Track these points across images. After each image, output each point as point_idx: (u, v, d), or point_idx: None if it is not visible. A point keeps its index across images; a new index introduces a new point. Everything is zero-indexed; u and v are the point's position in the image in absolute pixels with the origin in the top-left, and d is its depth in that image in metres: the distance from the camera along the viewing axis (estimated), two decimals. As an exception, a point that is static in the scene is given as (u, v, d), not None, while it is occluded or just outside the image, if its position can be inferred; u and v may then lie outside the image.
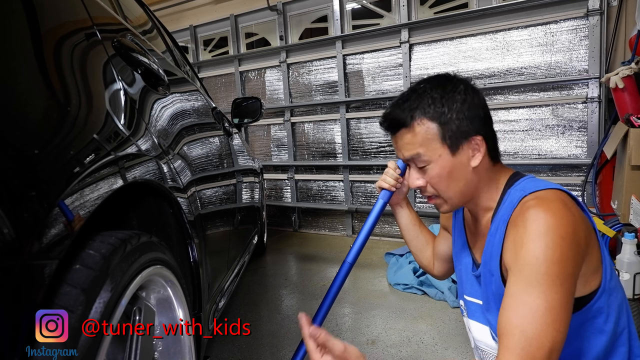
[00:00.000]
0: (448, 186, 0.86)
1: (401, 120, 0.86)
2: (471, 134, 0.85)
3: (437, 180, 0.86)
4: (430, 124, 0.84)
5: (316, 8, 3.78)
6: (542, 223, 0.72)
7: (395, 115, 0.87)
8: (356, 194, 3.76)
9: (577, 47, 2.74)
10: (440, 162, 0.85)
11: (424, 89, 0.87)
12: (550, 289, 0.68)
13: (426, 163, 0.85)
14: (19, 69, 0.53)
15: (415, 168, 0.89)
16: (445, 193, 0.88)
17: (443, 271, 1.20)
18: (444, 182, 0.86)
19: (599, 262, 0.80)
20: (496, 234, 0.84)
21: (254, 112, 2.39)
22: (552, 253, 0.70)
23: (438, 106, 0.84)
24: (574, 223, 0.73)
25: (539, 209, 0.74)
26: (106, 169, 0.64)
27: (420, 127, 0.84)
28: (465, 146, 0.85)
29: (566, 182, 2.85)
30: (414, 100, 0.86)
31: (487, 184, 0.89)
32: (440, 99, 0.84)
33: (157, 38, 1.57)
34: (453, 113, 0.84)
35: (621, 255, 1.80)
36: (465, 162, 0.86)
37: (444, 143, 0.84)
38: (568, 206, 0.75)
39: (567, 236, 0.71)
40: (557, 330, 0.67)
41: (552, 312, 0.67)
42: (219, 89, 4.42)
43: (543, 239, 0.71)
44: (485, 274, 0.87)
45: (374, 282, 2.60)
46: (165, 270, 0.80)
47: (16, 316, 0.45)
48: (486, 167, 0.88)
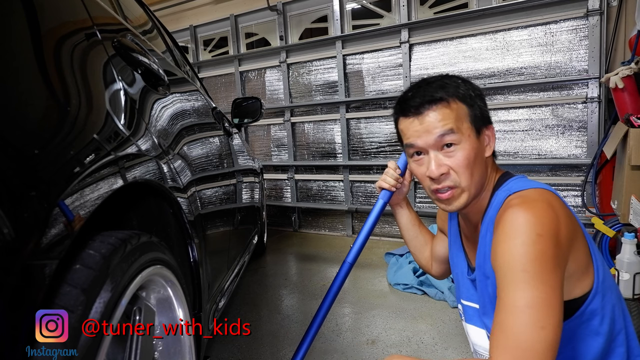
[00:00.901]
0: (473, 171, 0.84)
1: (437, 95, 0.84)
2: (489, 120, 0.88)
3: (465, 163, 0.83)
4: (461, 104, 0.85)
5: (316, 8, 3.78)
6: (520, 221, 0.72)
7: (430, 91, 0.85)
8: (356, 194, 3.76)
9: (577, 47, 2.74)
10: (469, 143, 0.83)
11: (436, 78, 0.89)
12: (529, 285, 0.67)
13: (456, 141, 0.83)
14: (19, 69, 0.53)
15: (438, 153, 0.85)
16: (469, 180, 0.84)
17: (441, 271, 1.20)
18: (470, 166, 0.83)
19: (588, 262, 0.79)
20: (487, 236, 0.83)
21: (254, 112, 2.39)
22: (528, 250, 0.69)
23: (465, 89, 0.86)
24: (554, 221, 0.72)
25: (519, 207, 0.73)
26: (106, 169, 0.64)
27: (454, 104, 0.84)
28: (484, 133, 0.87)
29: (566, 182, 2.85)
30: (437, 85, 0.86)
31: (486, 181, 0.89)
32: (464, 84, 0.87)
33: (157, 38, 1.57)
34: (476, 99, 0.86)
35: (621, 255, 1.79)
36: (483, 149, 0.87)
37: (472, 124, 0.85)
38: (552, 205, 0.74)
39: (544, 234, 0.70)
40: (541, 328, 0.65)
41: (533, 309, 0.66)
42: (219, 89, 4.42)
43: (519, 236, 0.70)
44: (480, 277, 0.87)
45: (374, 282, 2.60)
46: (165, 270, 0.80)
47: (16, 316, 0.45)
48: (490, 161, 0.90)
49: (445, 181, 0.85)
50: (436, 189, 0.87)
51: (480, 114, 0.86)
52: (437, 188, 0.86)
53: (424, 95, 0.85)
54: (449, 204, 0.87)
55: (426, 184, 0.89)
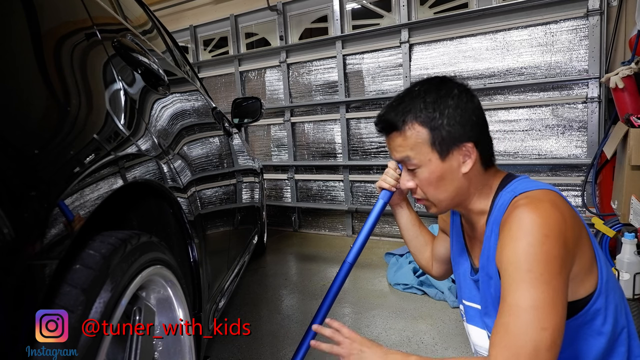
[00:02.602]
0: (437, 190, 0.87)
1: (393, 123, 0.87)
2: (462, 140, 0.84)
3: (427, 184, 0.87)
4: (421, 129, 0.84)
5: (316, 8, 3.78)
6: (527, 222, 0.72)
7: (388, 118, 0.88)
8: (356, 194, 3.76)
9: (577, 47, 2.74)
10: (429, 167, 0.85)
11: (418, 91, 0.87)
12: (534, 286, 0.68)
13: (416, 166, 0.86)
14: (19, 69, 0.53)
15: (406, 170, 0.90)
16: (434, 197, 0.88)
17: (441, 272, 1.20)
18: (432, 186, 0.87)
19: (592, 263, 0.79)
20: (491, 237, 0.83)
21: (254, 112, 2.39)
22: (535, 251, 0.69)
23: (429, 111, 0.84)
24: (561, 222, 0.72)
25: (526, 208, 0.74)
26: (106, 169, 0.64)
27: (410, 131, 0.85)
28: (456, 152, 0.85)
29: (566, 182, 2.85)
30: (407, 103, 0.86)
31: (479, 189, 0.89)
32: (433, 103, 0.84)
33: (157, 38, 1.57)
34: (444, 119, 0.83)
35: (621, 255, 1.79)
36: (455, 168, 0.85)
37: (433, 148, 0.84)
38: (557, 206, 0.75)
39: (551, 235, 0.70)
40: (544, 329, 0.65)
41: (537, 310, 0.66)
42: (219, 89, 4.42)
43: (526, 237, 0.71)
44: (484, 277, 0.87)
45: (374, 282, 2.60)
46: (165, 270, 0.80)
47: (16, 316, 0.45)
48: (478, 172, 0.87)
49: (415, 194, 0.92)
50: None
51: (447, 136, 0.83)
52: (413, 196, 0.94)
53: (385, 120, 0.89)
54: (427, 209, 0.94)
55: None
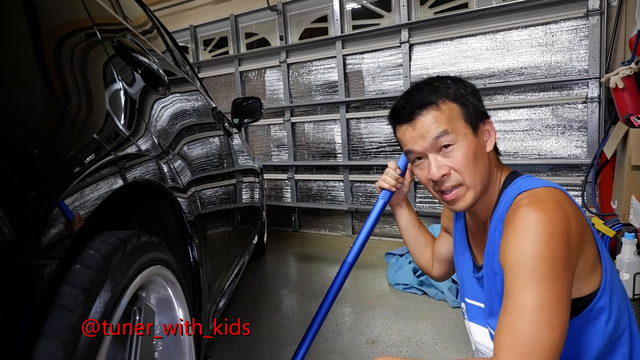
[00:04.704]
0: (475, 169, 0.84)
1: (426, 100, 0.85)
2: (485, 115, 0.88)
3: (465, 162, 0.83)
4: (453, 104, 0.85)
5: (316, 8, 3.78)
6: (532, 220, 0.71)
7: (419, 97, 0.86)
8: (356, 194, 3.76)
9: (577, 47, 2.74)
10: (466, 141, 0.84)
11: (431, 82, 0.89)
12: (539, 286, 0.67)
13: (452, 142, 0.84)
14: (19, 69, 0.53)
15: (437, 155, 0.85)
16: (472, 177, 0.84)
17: (442, 273, 1.20)
18: (471, 163, 0.84)
19: (596, 261, 0.79)
20: (495, 234, 0.83)
21: (254, 112, 2.39)
22: (540, 250, 0.69)
23: (455, 88, 0.87)
24: (565, 221, 0.72)
25: (530, 206, 0.73)
26: (106, 169, 0.64)
27: (445, 105, 0.85)
28: (482, 128, 0.87)
29: (566, 182, 2.85)
30: (428, 89, 0.87)
31: (492, 178, 0.89)
32: (453, 84, 0.87)
33: (157, 38, 1.57)
34: (468, 95, 0.87)
35: (621, 255, 1.80)
36: (483, 145, 0.87)
37: (467, 122, 0.85)
38: (562, 204, 0.74)
39: (556, 233, 0.70)
40: (550, 328, 0.65)
41: (542, 309, 0.66)
42: (219, 89, 4.42)
43: (531, 235, 0.70)
44: (489, 274, 0.87)
45: (374, 282, 2.60)
46: (165, 270, 0.80)
47: (16, 316, 0.45)
48: (493, 156, 0.90)
49: (448, 182, 0.85)
50: (440, 190, 0.87)
51: (474, 111, 0.86)
52: (442, 189, 0.87)
53: (414, 102, 0.86)
54: (455, 204, 0.88)
55: (431, 187, 0.90)
